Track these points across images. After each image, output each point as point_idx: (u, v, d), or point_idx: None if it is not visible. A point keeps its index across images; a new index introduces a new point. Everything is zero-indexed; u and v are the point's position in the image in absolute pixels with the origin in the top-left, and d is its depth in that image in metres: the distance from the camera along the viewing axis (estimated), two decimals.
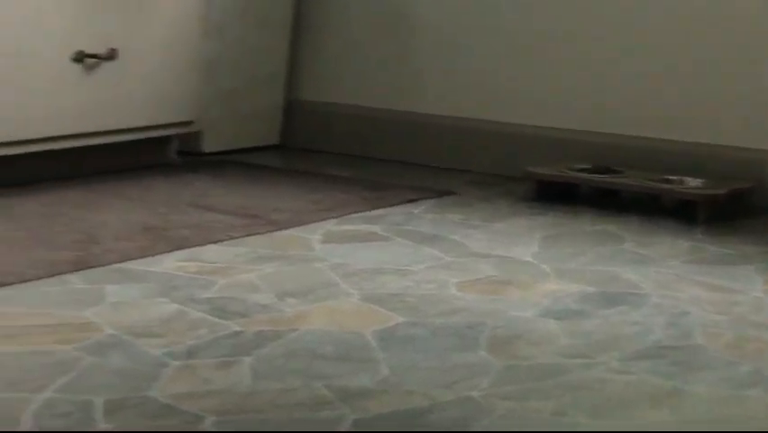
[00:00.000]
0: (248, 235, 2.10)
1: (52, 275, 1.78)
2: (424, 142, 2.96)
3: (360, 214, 2.33)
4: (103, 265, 1.85)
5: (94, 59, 2.46)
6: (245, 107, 3.02)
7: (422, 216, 2.33)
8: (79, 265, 1.84)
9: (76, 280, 1.77)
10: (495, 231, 2.22)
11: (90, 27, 2.45)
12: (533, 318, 1.67)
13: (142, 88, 2.59)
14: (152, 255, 1.93)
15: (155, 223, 2.15)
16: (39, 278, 1.76)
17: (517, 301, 1.75)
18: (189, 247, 1.99)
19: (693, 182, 2.42)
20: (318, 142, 3.12)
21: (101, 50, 2.47)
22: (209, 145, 2.95)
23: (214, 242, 2.04)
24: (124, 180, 2.55)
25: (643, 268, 1.96)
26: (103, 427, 1.22)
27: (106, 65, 2.49)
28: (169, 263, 1.89)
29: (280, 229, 2.16)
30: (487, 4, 2.85)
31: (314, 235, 2.13)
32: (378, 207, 2.39)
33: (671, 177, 2.46)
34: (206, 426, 1.24)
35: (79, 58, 2.44)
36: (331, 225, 2.22)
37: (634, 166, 2.58)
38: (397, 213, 2.35)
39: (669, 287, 1.85)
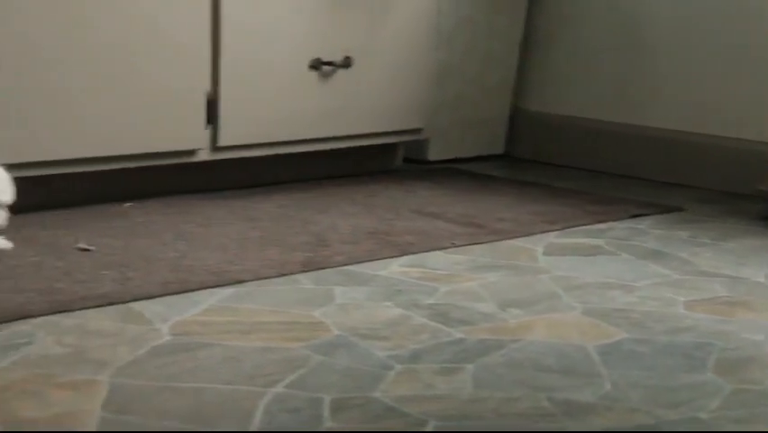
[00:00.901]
0: (471, 244, 2.11)
1: (284, 275, 1.84)
2: (651, 156, 2.89)
3: (583, 227, 2.29)
4: (331, 267, 1.90)
5: (329, 67, 2.54)
6: (472, 116, 3.04)
7: (648, 231, 2.28)
8: (309, 266, 1.90)
9: (305, 281, 1.82)
10: (725, 250, 2.14)
11: (327, 36, 2.52)
12: (766, 342, 1.60)
13: (374, 96, 2.64)
14: (378, 259, 1.97)
15: (381, 228, 2.19)
16: (271, 276, 1.83)
17: (749, 323, 1.69)
18: (413, 253, 2.02)
19: None
20: (543, 153, 3.10)
21: (336, 58, 2.55)
22: (434, 153, 2.99)
23: (438, 249, 2.06)
24: (353, 185, 2.61)
25: None
26: (329, 425, 1.25)
27: (341, 72, 2.56)
28: (394, 268, 1.92)
29: (503, 239, 2.16)
30: (720, 20, 2.76)
31: (536, 247, 2.11)
32: (602, 221, 2.35)
33: None
34: (429, 429, 1.25)
35: (316, 65, 2.51)
36: (554, 237, 2.20)
37: None
38: (621, 227, 2.31)
39: None
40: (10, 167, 2.02)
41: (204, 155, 2.37)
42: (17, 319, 1.53)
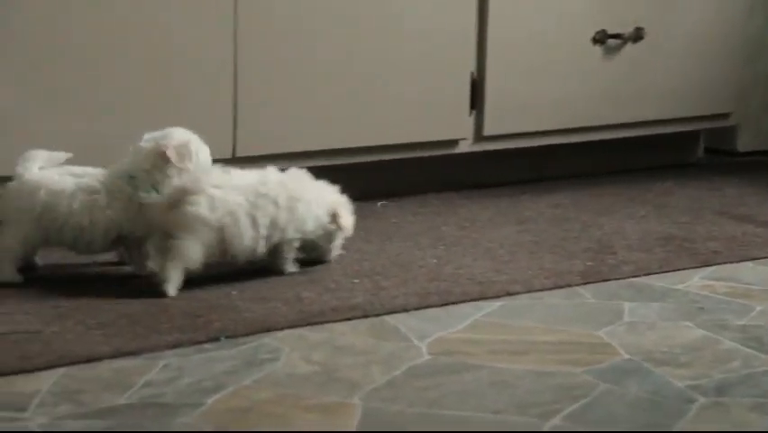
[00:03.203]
0: None
1: (561, 286, 1.85)
2: None
3: None
4: (617, 279, 1.89)
5: (616, 40, 2.51)
6: None
7: None
8: (591, 277, 1.89)
9: (587, 294, 1.82)
10: None
11: (614, 3, 2.50)
12: None
13: (670, 74, 2.60)
14: (674, 270, 1.94)
15: (677, 233, 2.16)
16: (546, 288, 1.84)
17: None
18: (718, 264, 1.98)
19: None
20: None
21: (625, 30, 2.52)
22: (746, 143, 2.91)
23: (750, 259, 2.01)
24: (642, 182, 2.58)
25: None
26: None
27: (630, 47, 2.53)
28: (694, 281, 1.89)
29: None
30: None
31: None
32: None
33: None
34: None
35: (601, 38, 2.50)
36: None
37: None
38: None
39: None
40: (257, 159, 2.13)
41: (466, 146, 2.40)
42: (261, 332, 1.61)
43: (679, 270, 1.95)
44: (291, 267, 1.87)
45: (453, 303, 1.76)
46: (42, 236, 1.80)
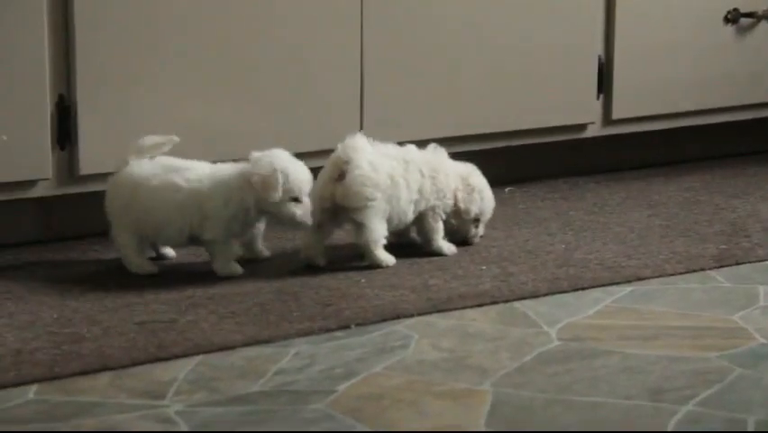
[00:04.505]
0: None
1: (693, 270, 1.83)
2: None
3: None
4: (752, 262, 1.87)
5: (750, 19, 2.47)
6: None
7: None
8: (724, 261, 1.87)
9: (720, 278, 1.81)
10: None
11: None
12: None
13: None
14: None
15: None
16: (678, 273, 1.83)
17: None
18: None
19: None
20: None
21: (759, 8, 2.47)
22: None
23: None
24: None
25: None
26: None
27: (764, 26, 2.49)
28: None
29: None
30: None
31: None
32: None
33: None
34: None
35: (733, 17, 2.46)
36: None
37: None
38: None
39: None
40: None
41: (594, 130, 2.39)
42: (391, 319, 1.63)
43: None
44: (445, 245, 1.91)
45: (583, 289, 1.76)
46: (137, 226, 1.83)
